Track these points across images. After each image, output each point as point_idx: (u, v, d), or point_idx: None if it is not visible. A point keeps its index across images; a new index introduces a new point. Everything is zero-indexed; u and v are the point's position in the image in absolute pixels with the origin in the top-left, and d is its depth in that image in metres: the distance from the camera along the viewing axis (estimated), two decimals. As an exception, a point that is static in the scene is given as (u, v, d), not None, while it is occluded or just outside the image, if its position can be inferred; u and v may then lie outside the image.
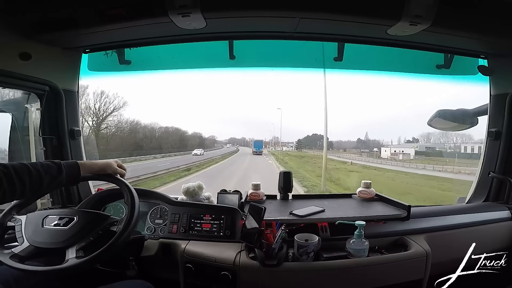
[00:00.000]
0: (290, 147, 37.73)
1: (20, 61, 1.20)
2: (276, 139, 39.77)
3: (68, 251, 0.93)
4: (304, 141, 38.99)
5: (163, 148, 21.87)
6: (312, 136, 38.86)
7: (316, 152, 31.76)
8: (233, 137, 44.19)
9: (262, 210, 1.06)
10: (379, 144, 28.60)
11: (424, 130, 24.45)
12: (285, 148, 37.13)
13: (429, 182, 13.53)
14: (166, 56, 1.60)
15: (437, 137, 23.05)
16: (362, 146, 31.07)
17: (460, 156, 19.18)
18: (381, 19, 1.15)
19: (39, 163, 0.95)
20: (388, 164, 20.74)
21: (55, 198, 1.46)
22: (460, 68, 1.59)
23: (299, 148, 37.65)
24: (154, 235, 1.28)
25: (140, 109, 51.22)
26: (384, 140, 28.69)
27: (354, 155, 27.89)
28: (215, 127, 73.88)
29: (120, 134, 17.98)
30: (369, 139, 31.75)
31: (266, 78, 71.28)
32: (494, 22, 1.15)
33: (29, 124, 1.47)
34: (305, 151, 34.96)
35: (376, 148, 27.96)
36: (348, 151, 31.77)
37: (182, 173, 12.03)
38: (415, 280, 1.15)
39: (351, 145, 33.85)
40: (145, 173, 9.93)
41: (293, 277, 1.06)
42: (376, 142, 30.02)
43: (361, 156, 26.39)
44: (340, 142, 36.09)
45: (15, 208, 1.05)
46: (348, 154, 28.74)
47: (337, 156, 27.35)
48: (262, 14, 1.17)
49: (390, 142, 27.69)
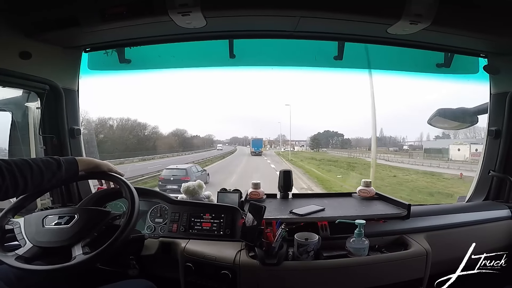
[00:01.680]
0: (301, 146, 32.94)
1: (20, 60, 1.20)
2: (283, 137, 35.80)
3: (74, 249, 0.93)
4: (313, 139, 34.22)
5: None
6: (324, 133, 34.51)
7: (338, 151, 27.90)
8: (235, 136, 43.02)
9: (262, 209, 1.07)
10: (395, 141, 25.60)
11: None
12: (297, 148, 32.09)
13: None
14: (166, 55, 1.61)
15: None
16: (379, 144, 27.37)
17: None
18: (381, 18, 1.15)
19: (39, 159, 0.95)
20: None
21: (55, 198, 1.47)
22: (460, 67, 1.59)
23: (315, 147, 32.47)
24: (154, 234, 1.28)
25: (138, 109, 51.34)
26: (401, 136, 25.04)
27: (391, 155, 21.97)
28: (217, 126, 73.67)
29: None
30: (385, 135, 29.02)
31: (267, 76, 71.12)
32: (494, 21, 1.15)
33: (29, 123, 1.47)
34: (323, 151, 30.32)
35: (406, 146, 24.31)
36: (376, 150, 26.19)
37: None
38: (415, 279, 1.14)
39: (367, 142, 30.30)
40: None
41: (293, 276, 1.06)
42: (393, 139, 26.85)
43: (402, 157, 20.40)
44: (359, 139, 32.44)
45: (11, 212, 1.04)
46: (386, 155, 21.81)
47: (383, 159, 20.17)
48: (262, 13, 1.17)
49: (419, 136, 23.66)
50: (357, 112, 61.06)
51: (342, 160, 21.53)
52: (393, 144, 25.76)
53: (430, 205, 1.61)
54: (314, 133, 36.05)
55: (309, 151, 30.56)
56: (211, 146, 33.81)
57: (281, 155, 26.35)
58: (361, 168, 17.70)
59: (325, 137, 33.31)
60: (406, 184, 12.61)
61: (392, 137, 26.86)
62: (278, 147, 33.62)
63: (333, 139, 32.98)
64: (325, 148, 31.65)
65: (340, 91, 46.65)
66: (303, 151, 29.59)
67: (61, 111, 1.42)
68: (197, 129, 56.83)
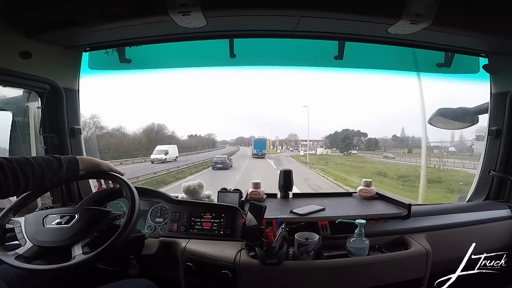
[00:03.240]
0: (323, 147, 26.94)
1: (21, 60, 1.20)
2: (294, 136, 30.21)
3: (74, 248, 0.93)
4: (332, 139, 28.41)
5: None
6: (342, 132, 27.77)
7: (368, 154, 22.96)
8: (240, 136, 41.76)
9: (262, 208, 1.06)
10: (419, 142, 21.54)
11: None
12: (320, 150, 25.69)
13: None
14: (167, 55, 1.61)
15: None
16: (400, 145, 25.19)
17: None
18: (381, 18, 1.15)
19: (41, 158, 0.95)
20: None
21: (55, 197, 1.47)
22: (460, 67, 1.59)
23: (345, 149, 25.53)
24: (155, 234, 1.28)
25: (138, 109, 51.33)
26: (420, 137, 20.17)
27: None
28: (225, 126, 73.18)
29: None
30: (406, 135, 25.37)
31: (268, 76, 70.70)
32: (494, 21, 1.15)
33: (29, 123, 1.47)
34: (355, 154, 24.40)
35: (453, 148, 18.75)
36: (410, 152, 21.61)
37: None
38: (415, 279, 1.14)
39: (392, 143, 26.55)
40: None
41: (294, 276, 1.06)
42: (416, 139, 22.85)
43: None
44: (385, 139, 27.27)
45: (12, 211, 1.04)
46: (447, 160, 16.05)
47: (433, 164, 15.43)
48: (262, 12, 1.17)
49: (450, 137, 18.60)
50: (373, 109, 58.08)
51: (392, 169, 16.85)
52: (416, 145, 22.71)
53: (430, 205, 1.60)
54: (329, 132, 30.13)
55: (336, 154, 24.20)
56: (210, 147, 31.03)
57: (304, 161, 19.66)
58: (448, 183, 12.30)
59: (345, 137, 27.28)
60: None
61: (416, 137, 23.16)
62: (291, 148, 27.78)
63: (354, 139, 27.08)
64: (353, 150, 25.88)
65: (359, 88, 45.36)
66: (329, 154, 23.32)
67: (62, 111, 1.42)
68: (197, 129, 56.34)
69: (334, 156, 23.43)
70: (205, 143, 31.37)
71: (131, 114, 48.28)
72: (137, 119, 52.59)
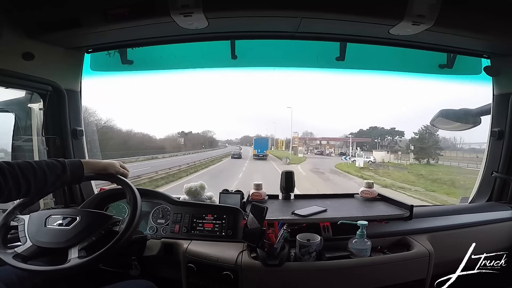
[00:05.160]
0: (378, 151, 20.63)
1: (23, 61, 1.21)
2: (310, 135, 26.37)
3: (71, 251, 0.93)
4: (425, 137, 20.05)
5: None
6: (367, 130, 23.80)
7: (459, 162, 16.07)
8: (246, 135, 40.80)
9: (264, 210, 1.06)
10: (448, 143, 18.30)
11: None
12: (380, 155, 18.55)
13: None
14: (168, 56, 1.61)
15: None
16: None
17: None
18: (383, 19, 1.15)
19: (44, 162, 0.94)
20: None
21: (58, 198, 1.47)
22: (463, 68, 1.59)
23: (421, 156, 17.80)
24: (156, 235, 1.28)
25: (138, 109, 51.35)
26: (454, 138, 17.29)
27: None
28: (230, 126, 73.09)
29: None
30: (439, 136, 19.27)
31: (269, 76, 70.52)
32: (497, 22, 1.15)
33: (32, 124, 1.48)
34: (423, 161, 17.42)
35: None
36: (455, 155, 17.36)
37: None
38: (417, 280, 1.14)
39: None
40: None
41: (295, 277, 1.06)
42: (451, 141, 18.95)
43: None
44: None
45: (19, 208, 1.05)
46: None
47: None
48: (263, 14, 1.17)
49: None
50: (401, 104, 55.92)
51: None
52: (448, 146, 19.25)
53: (432, 206, 1.60)
54: (352, 130, 25.98)
55: (400, 160, 17.53)
56: (203, 146, 30.10)
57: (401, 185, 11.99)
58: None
59: (371, 136, 23.12)
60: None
61: (446, 138, 19.51)
62: (315, 150, 22.19)
63: (387, 138, 22.24)
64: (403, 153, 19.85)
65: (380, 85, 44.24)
66: (403, 163, 16.39)
67: (64, 112, 1.42)
68: (198, 128, 56.14)
69: (415, 165, 16.28)
70: (206, 143, 32.33)
71: (137, 116, 48.53)
72: (143, 121, 52.76)
